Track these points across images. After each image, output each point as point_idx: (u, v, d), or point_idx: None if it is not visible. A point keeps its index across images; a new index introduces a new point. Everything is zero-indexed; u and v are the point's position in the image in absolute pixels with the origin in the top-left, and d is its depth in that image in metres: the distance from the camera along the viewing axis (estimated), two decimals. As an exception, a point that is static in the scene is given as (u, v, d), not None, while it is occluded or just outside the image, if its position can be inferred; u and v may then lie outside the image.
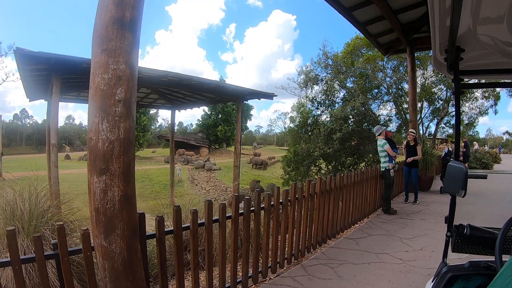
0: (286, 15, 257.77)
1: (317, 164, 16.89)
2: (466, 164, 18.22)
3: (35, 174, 5.07)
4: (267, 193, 4.29)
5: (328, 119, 16.82)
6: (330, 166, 16.56)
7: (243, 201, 4.08)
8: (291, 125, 20.39)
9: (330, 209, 5.90)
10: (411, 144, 9.73)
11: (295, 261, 5.10)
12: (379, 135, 8.67)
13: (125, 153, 2.82)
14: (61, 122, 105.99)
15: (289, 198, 4.74)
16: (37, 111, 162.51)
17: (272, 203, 4.46)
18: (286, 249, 4.95)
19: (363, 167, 12.54)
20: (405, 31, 11.47)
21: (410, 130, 10.41)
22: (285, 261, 4.92)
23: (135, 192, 2.97)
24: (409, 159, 9.60)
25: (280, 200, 4.61)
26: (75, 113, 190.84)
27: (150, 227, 3.66)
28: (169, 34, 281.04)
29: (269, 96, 12.73)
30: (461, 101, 21.72)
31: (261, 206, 4.31)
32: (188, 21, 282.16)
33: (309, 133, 17.56)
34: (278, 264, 4.75)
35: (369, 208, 7.95)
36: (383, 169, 8.46)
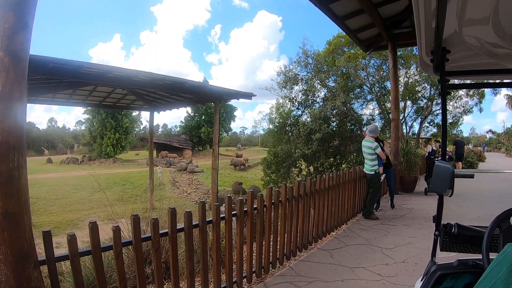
0: (272, 16, 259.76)
1: (297, 165, 16.36)
2: (460, 163, 17.85)
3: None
4: (215, 204, 3.62)
5: (309, 119, 16.30)
6: (311, 168, 16.05)
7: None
8: (270, 126, 19.70)
9: (300, 218, 5.25)
10: None
11: (257, 279, 4.42)
12: (372, 136, 7.99)
13: (3, 161, 2.22)
14: (43, 125, 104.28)
15: (245, 209, 4.07)
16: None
17: (223, 215, 3.78)
18: (245, 266, 4.27)
19: (345, 168, 12.03)
20: (386, 26, 10.92)
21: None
22: (244, 280, 4.24)
23: (23, 208, 2.35)
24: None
25: (234, 212, 3.93)
26: (59, 115, 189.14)
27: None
28: (154, 35, 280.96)
29: (248, 96, 12.27)
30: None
31: (209, 219, 3.63)
32: (173, 21, 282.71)
33: (289, 134, 17.01)
34: (235, 284, 4.07)
35: (348, 214, 7.30)
36: (372, 173, 7.83)
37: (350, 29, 11.04)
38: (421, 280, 1.91)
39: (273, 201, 4.52)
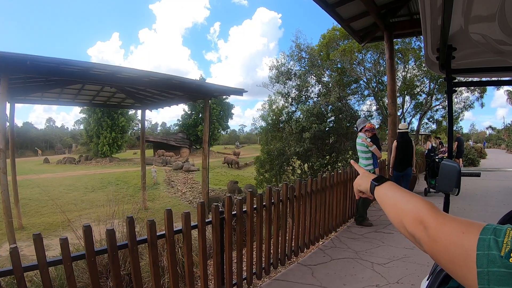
0: (271, 13, 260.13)
1: (290, 163, 15.72)
2: (461, 160, 17.17)
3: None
4: (148, 220, 2.87)
5: (302, 116, 15.65)
6: (305, 166, 15.42)
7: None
8: (263, 123, 18.95)
9: (274, 229, 4.48)
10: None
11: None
12: (360, 130, 7.08)
13: None
14: (42, 125, 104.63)
15: (194, 224, 3.28)
16: (19, 113, 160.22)
17: (162, 232, 3.02)
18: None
19: (340, 167, 11.35)
20: (381, 15, 10.12)
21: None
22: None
23: None
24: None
25: (178, 228, 3.15)
26: (58, 115, 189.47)
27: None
28: (153, 33, 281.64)
29: (239, 92, 12.04)
30: (445, 96, 20.92)
31: (141, 238, 2.91)
32: (172, 19, 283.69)
33: (282, 131, 16.35)
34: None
35: (337, 221, 6.50)
36: None
37: (342, 18, 10.20)
38: (427, 280, 1.79)
39: (234, 212, 3.74)
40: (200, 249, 3.34)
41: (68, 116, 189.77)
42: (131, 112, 50.00)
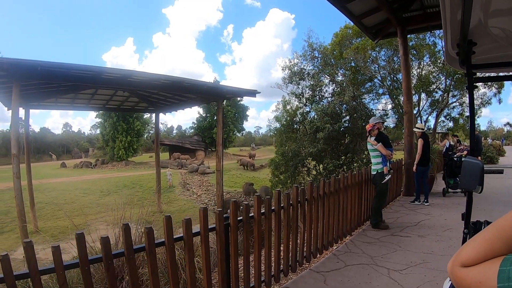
0: (284, 13, 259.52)
1: (305, 164, 15.49)
2: (479, 158, 16.67)
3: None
4: (146, 227, 2.73)
5: (316, 116, 15.41)
6: (320, 167, 15.17)
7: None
8: (277, 124, 18.69)
9: (283, 235, 4.27)
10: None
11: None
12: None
13: None
14: (58, 130, 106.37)
15: (197, 231, 3.10)
16: (36, 119, 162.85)
17: (162, 240, 2.88)
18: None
19: (355, 168, 11.09)
20: (393, 9, 9.85)
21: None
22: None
23: None
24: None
25: (179, 235, 2.99)
26: (74, 120, 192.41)
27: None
28: (167, 37, 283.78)
29: (252, 93, 11.80)
30: (462, 92, 20.40)
31: (139, 246, 2.80)
32: (185, 23, 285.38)
33: (297, 132, 16.15)
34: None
35: (352, 224, 6.25)
36: (374, 173, 6.70)
37: (353, 15, 9.95)
38: (450, 280, 1.68)
39: (240, 218, 3.56)
40: (203, 257, 3.18)
41: (84, 121, 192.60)
42: (146, 116, 50.35)
